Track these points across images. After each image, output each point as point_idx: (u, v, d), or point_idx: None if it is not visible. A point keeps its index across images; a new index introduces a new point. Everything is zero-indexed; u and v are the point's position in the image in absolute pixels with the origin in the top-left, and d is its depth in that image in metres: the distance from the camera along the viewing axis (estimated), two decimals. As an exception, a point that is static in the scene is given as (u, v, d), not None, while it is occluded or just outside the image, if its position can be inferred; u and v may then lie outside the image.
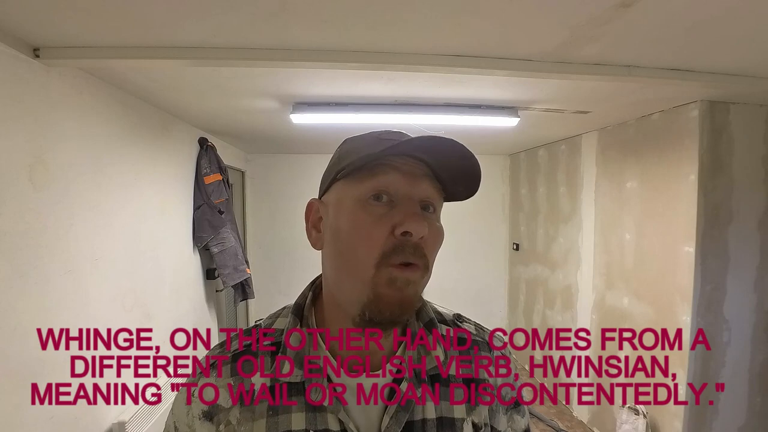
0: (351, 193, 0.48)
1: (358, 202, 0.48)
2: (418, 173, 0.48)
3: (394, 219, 0.46)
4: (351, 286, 0.48)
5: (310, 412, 0.49)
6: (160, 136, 2.25)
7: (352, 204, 0.48)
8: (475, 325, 0.63)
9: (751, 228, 2.13)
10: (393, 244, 0.46)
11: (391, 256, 0.46)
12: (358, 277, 0.47)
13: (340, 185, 0.50)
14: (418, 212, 0.47)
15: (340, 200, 0.50)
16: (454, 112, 2.23)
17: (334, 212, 0.50)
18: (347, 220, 0.48)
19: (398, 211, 0.47)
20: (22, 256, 1.28)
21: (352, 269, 0.48)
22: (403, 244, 0.46)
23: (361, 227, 0.47)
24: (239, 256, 2.91)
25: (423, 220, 0.46)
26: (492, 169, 4.42)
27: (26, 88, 1.32)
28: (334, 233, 0.50)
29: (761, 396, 2.22)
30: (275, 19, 1.20)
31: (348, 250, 0.48)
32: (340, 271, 0.50)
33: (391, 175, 0.47)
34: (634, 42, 1.37)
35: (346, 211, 0.48)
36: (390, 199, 0.47)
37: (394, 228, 0.46)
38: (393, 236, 0.46)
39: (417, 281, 0.47)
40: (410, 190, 0.48)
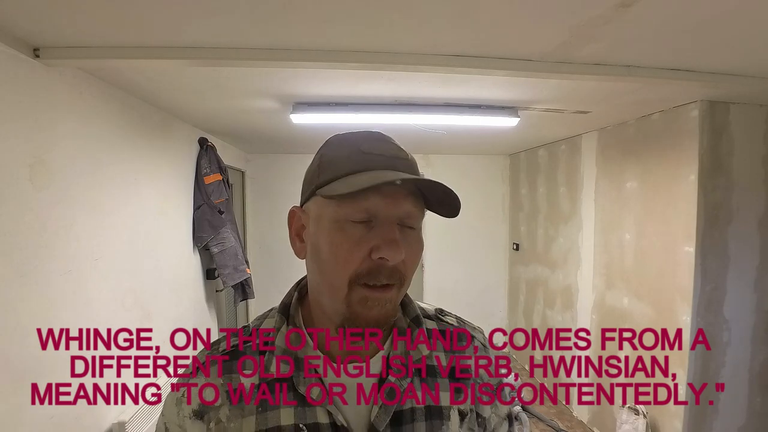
0: (330, 213, 0.48)
1: (336, 223, 0.48)
2: (401, 193, 0.48)
3: (372, 242, 0.46)
4: (330, 300, 0.50)
5: (299, 407, 0.50)
6: (160, 136, 2.25)
7: (331, 224, 0.48)
8: (456, 318, 0.64)
9: (751, 228, 2.13)
10: (368, 267, 0.47)
11: (365, 278, 0.47)
12: (335, 295, 0.49)
13: (320, 200, 0.49)
14: (395, 237, 0.47)
15: (320, 217, 0.50)
16: (454, 112, 2.24)
17: (314, 228, 0.51)
18: (326, 240, 0.48)
19: (376, 234, 0.47)
20: (22, 256, 1.28)
21: (329, 286, 0.49)
22: (379, 268, 0.47)
23: (339, 249, 0.47)
24: (239, 256, 2.91)
25: (400, 245, 0.46)
26: (492, 169, 4.42)
27: (26, 88, 1.32)
28: (314, 249, 0.51)
29: (761, 396, 2.22)
30: (276, 19, 1.20)
31: (326, 268, 0.49)
32: (321, 285, 0.52)
33: (372, 199, 0.46)
34: (634, 42, 1.37)
35: (326, 230, 0.49)
36: (369, 220, 0.47)
37: (371, 251, 0.46)
38: (370, 259, 0.47)
39: (392, 299, 0.49)
40: (389, 211, 0.47)
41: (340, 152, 0.51)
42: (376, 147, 0.50)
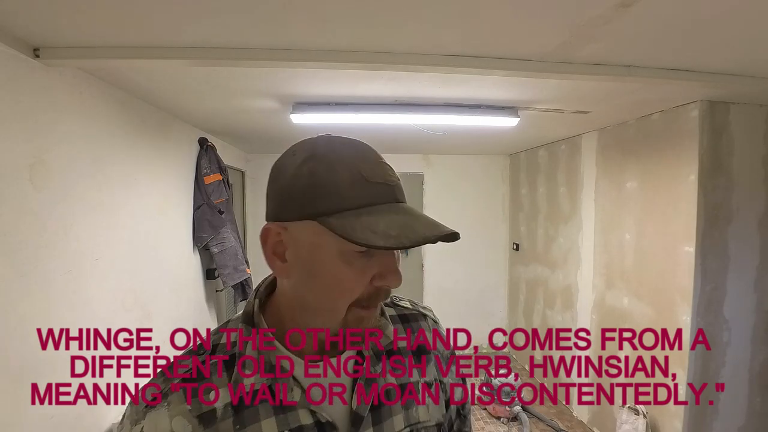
0: (335, 248, 0.47)
1: (343, 258, 0.47)
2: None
3: (374, 270, 0.48)
4: (323, 320, 0.50)
5: (280, 414, 0.49)
6: (160, 136, 2.25)
7: (335, 258, 0.47)
8: (409, 302, 0.69)
9: (751, 228, 2.13)
10: (369, 293, 0.49)
11: (363, 301, 0.49)
12: (332, 317, 0.50)
13: (318, 232, 0.46)
14: (396, 266, 0.49)
15: (318, 245, 0.48)
16: (454, 112, 2.24)
17: (309, 254, 0.48)
18: (329, 271, 0.48)
19: (377, 263, 0.48)
20: (22, 256, 1.28)
21: (325, 309, 0.50)
22: (378, 293, 0.50)
23: (345, 281, 0.48)
24: (239, 256, 2.91)
25: (400, 274, 0.49)
26: (492, 169, 4.42)
27: (26, 88, 1.32)
28: (309, 274, 0.49)
29: (761, 396, 2.22)
30: (276, 19, 1.20)
31: (325, 295, 0.49)
32: (310, 305, 0.51)
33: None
34: (634, 42, 1.37)
35: (328, 261, 0.48)
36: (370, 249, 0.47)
37: (374, 279, 0.48)
38: (371, 285, 0.49)
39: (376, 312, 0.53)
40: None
41: (339, 176, 0.47)
42: (377, 173, 0.48)
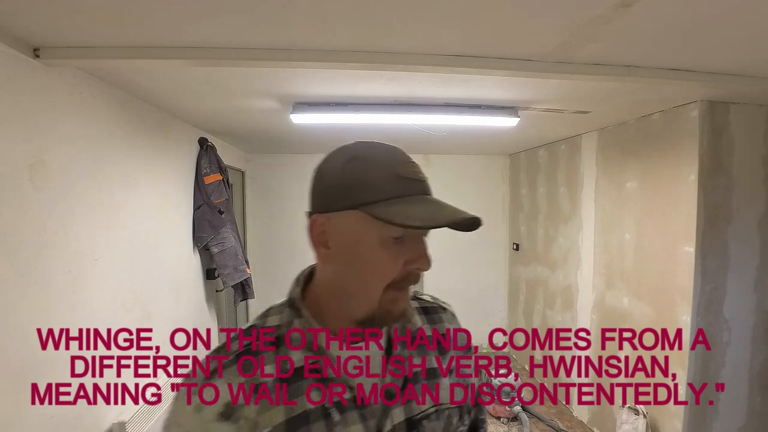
0: (374, 233, 0.54)
1: (381, 243, 0.54)
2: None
3: (407, 256, 0.55)
4: (359, 303, 0.57)
5: (322, 387, 0.55)
6: (160, 136, 2.25)
7: (374, 243, 0.54)
8: (430, 296, 0.77)
9: (751, 228, 2.13)
10: (402, 275, 0.55)
11: (397, 283, 0.55)
12: (369, 297, 0.56)
13: (362, 218, 0.53)
14: (425, 250, 0.56)
15: (359, 233, 0.55)
16: (454, 112, 2.23)
17: (350, 241, 0.55)
18: (369, 255, 0.55)
19: (410, 249, 0.55)
20: (22, 256, 1.28)
21: (363, 290, 0.56)
22: (409, 276, 0.56)
23: (381, 264, 0.55)
24: (239, 256, 2.91)
25: (428, 256, 0.56)
26: (492, 169, 4.42)
27: (26, 88, 1.32)
28: (350, 260, 0.56)
29: (761, 396, 2.22)
30: (276, 19, 1.20)
31: (364, 277, 0.56)
32: (349, 289, 0.57)
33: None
34: (634, 42, 1.37)
35: (368, 247, 0.55)
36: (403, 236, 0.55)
37: (406, 263, 0.55)
38: (403, 269, 0.55)
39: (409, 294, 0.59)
40: (421, 232, 0.56)
41: (376, 173, 0.55)
42: (408, 171, 0.56)
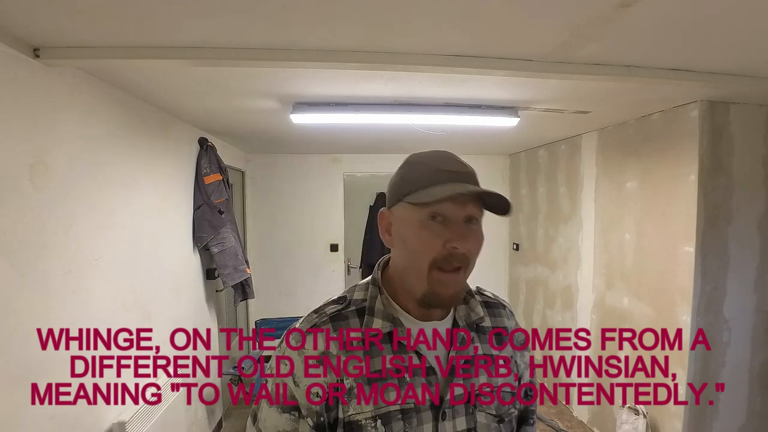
0: (416, 216, 0.64)
1: (420, 222, 0.63)
2: (466, 199, 0.63)
3: (446, 236, 0.62)
4: (413, 279, 0.66)
5: (397, 353, 0.66)
6: (160, 136, 2.25)
7: (416, 223, 0.64)
8: (491, 293, 0.84)
9: (751, 228, 2.13)
10: (444, 254, 0.62)
11: (441, 263, 0.62)
12: (419, 275, 0.64)
13: (406, 207, 0.65)
14: (464, 231, 0.63)
15: (407, 218, 0.65)
16: (454, 112, 2.23)
17: (402, 226, 0.67)
18: (413, 234, 0.64)
19: (449, 229, 0.62)
20: (22, 256, 1.28)
21: (413, 268, 0.65)
22: (451, 255, 0.62)
23: (423, 240, 0.63)
24: (239, 256, 2.91)
25: (467, 237, 0.63)
26: (492, 169, 4.41)
27: (26, 88, 1.32)
28: (402, 241, 0.67)
29: (761, 396, 2.22)
30: (275, 19, 1.20)
31: (412, 255, 0.65)
32: (406, 268, 0.67)
33: (444, 203, 0.62)
34: (634, 42, 1.37)
35: (412, 228, 0.64)
36: (444, 219, 0.63)
37: (445, 242, 0.62)
38: (444, 248, 0.62)
39: (461, 279, 0.65)
40: (458, 213, 0.63)
41: (420, 169, 0.67)
42: (449, 165, 0.66)
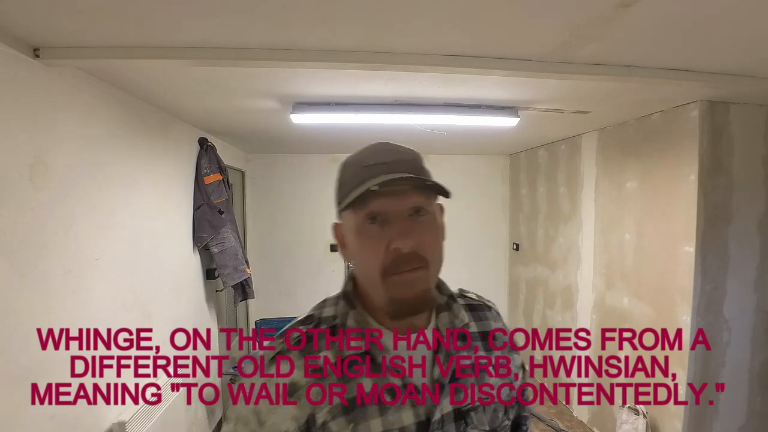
0: (353, 222, 0.59)
1: (357, 229, 0.58)
2: (404, 190, 0.56)
3: (387, 237, 0.56)
4: (373, 291, 0.60)
5: (375, 375, 0.58)
6: (160, 136, 2.25)
7: (354, 230, 0.58)
8: (475, 294, 0.79)
9: (751, 228, 2.13)
10: (391, 259, 0.56)
11: (391, 268, 0.56)
12: (375, 285, 0.58)
13: (345, 214, 0.60)
14: (404, 228, 0.56)
15: (349, 227, 0.60)
16: (454, 112, 2.23)
17: (347, 236, 0.62)
18: (355, 244, 0.59)
19: (389, 229, 0.56)
20: (22, 256, 1.28)
21: (368, 278, 0.60)
22: (398, 257, 0.55)
23: (364, 248, 0.58)
24: (239, 256, 2.91)
25: (410, 233, 0.55)
26: (492, 169, 4.42)
27: (26, 88, 1.32)
28: (351, 252, 0.62)
29: (761, 396, 2.22)
30: (275, 19, 1.20)
31: (363, 266, 0.60)
32: (365, 279, 0.62)
33: (378, 200, 0.55)
34: (634, 42, 1.37)
35: (353, 236, 0.59)
36: (383, 219, 0.56)
37: (388, 244, 0.55)
38: (389, 251, 0.55)
39: (422, 277, 0.57)
40: (397, 207, 0.56)
41: (351, 170, 0.60)
42: (377, 158, 0.59)
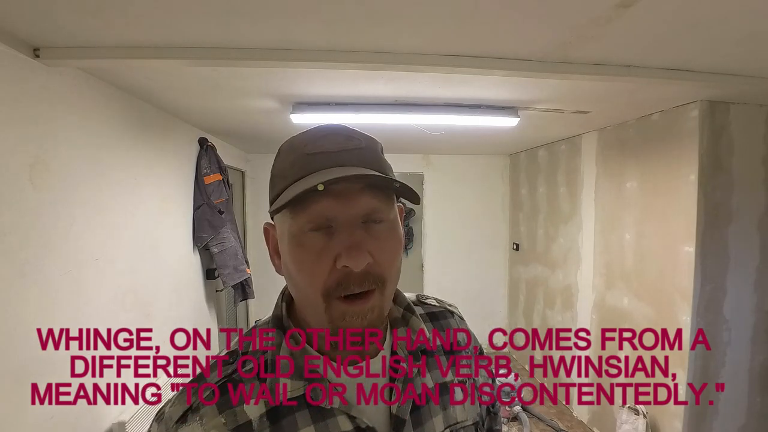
0: (288, 227, 0.46)
1: (295, 237, 0.45)
2: (355, 189, 0.44)
3: (334, 250, 0.43)
4: (313, 315, 0.47)
5: (319, 421, 0.47)
6: (160, 136, 2.25)
7: (290, 239, 0.45)
8: (435, 299, 0.66)
9: (751, 228, 2.13)
10: (337, 278, 0.44)
11: (336, 290, 0.44)
12: (315, 310, 0.46)
13: (279, 215, 0.46)
14: (355, 241, 0.43)
15: (282, 233, 0.47)
16: (454, 112, 2.23)
17: (280, 244, 0.48)
18: (290, 257, 0.46)
19: (337, 240, 0.44)
20: (22, 256, 1.28)
21: (307, 302, 0.47)
22: (347, 277, 0.44)
23: (302, 264, 0.45)
24: (239, 256, 2.91)
25: (361, 250, 0.43)
26: (492, 169, 4.42)
27: (26, 88, 1.32)
28: (285, 266, 0.48)
29: (761, 396, 2.22)
30: (275, 19, 1.20)
31: (298, 284, 0.47)
32: (299, 301, 0.50)
33: (323, 201, 0.43)
34: (634, 42, 1.37)
35: (287, 246, 0.46)
36: (328, 225, 0.44)
37: (336, 259, 0.43)
38: (336, 268, 0.44)
39: (375, 305, 0.45)
40: (347, 212, 0.44)
41: (287, 160, 0.48)
42: (320, 145, 0.46)
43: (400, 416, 0.49)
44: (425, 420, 0.52)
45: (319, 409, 0.47)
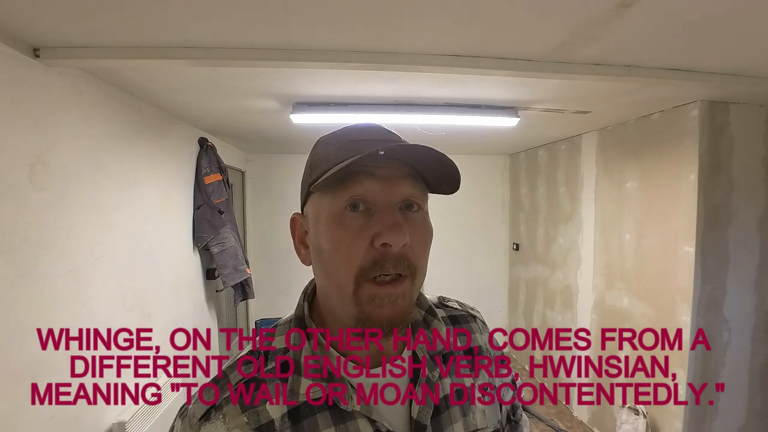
0: (326, 207, 0.46)
1: (333, 217, 0.45)
2: (397, 175, 0.46)
3: (373, 230, 0.44)
4: (339, 301, 0.47)
5: (339, 423, 0.46)
6: (160, 136, 2.25)
7: (328, 219, 0.46)
8: (456, 302, 0.66)
9: (751, 228, 2.13)
10: (373, 258, 0.44)
11: (371, 271, 0.44)
12: (343, 294, 0.46)
13: (316, 198, 0.48)
14: (397, 221, 0.44)
15: (318, 215, 0.48)
16: (454, 112, 2.23)
17: (313, 228, 0.49)
18: (326, 237, 0.46)
19: (376, 220, 0.44)
20: (22, 256, 1.28)
21: (336, 286, 0.47)
22: (384, 257, 0.44)
23: (340, 243, 0.45)
24: (239, 256, 2.91)
25: (402, 229, 0.44)
26: (492, 169, 4.42)
27: (26, 88, 1.32)
28: (316, 250, 0.48)
29: (761, 396, 2.22)
30: (275, 19, 1.20)
31: (330, 267, 0.47)
32: (328, 288, 0.49)
33: (366, 182, 0.45)
34: (634, 42, 1.37)
35: (324, 226, 0.46)
36: (368, 207, 0.45)
37: (373, 239, 0.44)
38: (373, 248, 0.44)
39: (405, 293, 0.46)
40: (388, 196, 0.45)
41: (330, 147, 0.49)
42: (364, 134, 0.49)
43: (421, 421, 0.49)
44: (446, 426, 0.51)
45: (339, 410, 0.47)
